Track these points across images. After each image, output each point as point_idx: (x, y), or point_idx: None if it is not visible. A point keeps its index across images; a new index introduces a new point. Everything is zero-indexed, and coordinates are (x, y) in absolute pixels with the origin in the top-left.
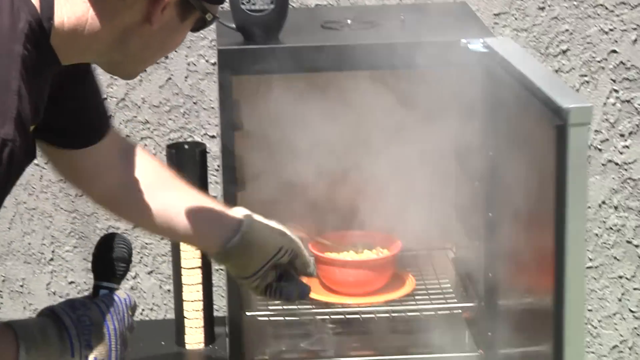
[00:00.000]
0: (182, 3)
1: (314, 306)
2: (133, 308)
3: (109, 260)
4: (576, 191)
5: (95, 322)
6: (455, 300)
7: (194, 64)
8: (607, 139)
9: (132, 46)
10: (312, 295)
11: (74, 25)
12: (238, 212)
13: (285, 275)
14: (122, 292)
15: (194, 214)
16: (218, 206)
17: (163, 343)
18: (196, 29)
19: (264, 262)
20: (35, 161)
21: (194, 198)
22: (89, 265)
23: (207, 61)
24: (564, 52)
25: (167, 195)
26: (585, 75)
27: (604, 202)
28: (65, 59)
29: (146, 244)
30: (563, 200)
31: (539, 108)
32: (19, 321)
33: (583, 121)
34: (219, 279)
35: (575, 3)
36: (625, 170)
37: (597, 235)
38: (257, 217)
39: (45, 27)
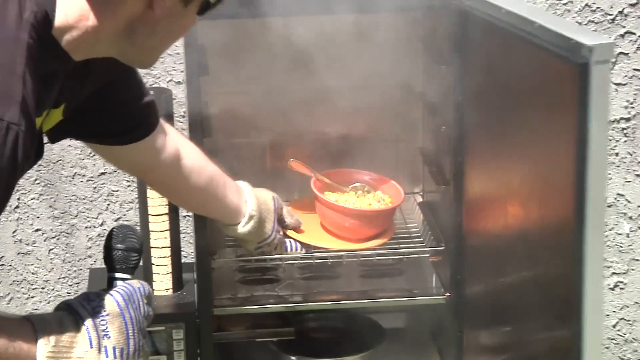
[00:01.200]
0: None
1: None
2: (148, 296)
3: (121, 252)
4: (598, 132)
5: (111, 312)
6: (423, 245)
7: None
8: None
9: (138, 35)
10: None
11: (78, 17)
12: (241, 184)
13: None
14: (135, 282)
15: (224, 197)
16: (233, 183)
17: None
18: (201, 12)
19: (272, 216)
20: None
21: (222, 181)
22: (55, 212)
23: None
24: None
25: (205, 180)
26: None
27: None
28: (76, 53)
29: (113, 191)
30: (585, 140)
31: (545, 48)
32: (36, 315)
33: (605, 58)
34: (187, 226)
35: None
36: None
37: None
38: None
39: (49, 18)
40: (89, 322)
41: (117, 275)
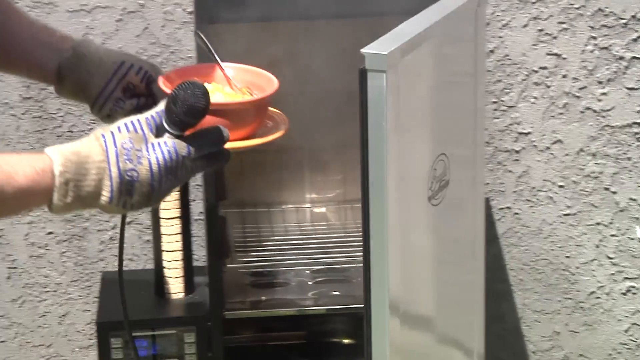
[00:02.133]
0: None
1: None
2: (193, 158)
3: (176, 108)
4: (375, 135)
5: (142, 180)
6: None
7: (171, 13)
8: (585, 86)
9: None
10: None
11: None
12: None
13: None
14: (183, 147)
15: (24, 36)
16: (49, 27)
17: (142, 293)
18: None
19: (106, 79)
20: (12, 111)
21: (22, 19)
22: (67, 215)
23: (184, 10)
24: None
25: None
26: (564, 22)
27: (581, 150)
28: None
29: None
30: (365, 146)
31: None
32: (62, 160)
33: (377, 68)
34: (198, 229)
35: None
36: (603, 117)
37: (574, 182)
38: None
39: None
40: (115, 184)
41: (168, 128)
